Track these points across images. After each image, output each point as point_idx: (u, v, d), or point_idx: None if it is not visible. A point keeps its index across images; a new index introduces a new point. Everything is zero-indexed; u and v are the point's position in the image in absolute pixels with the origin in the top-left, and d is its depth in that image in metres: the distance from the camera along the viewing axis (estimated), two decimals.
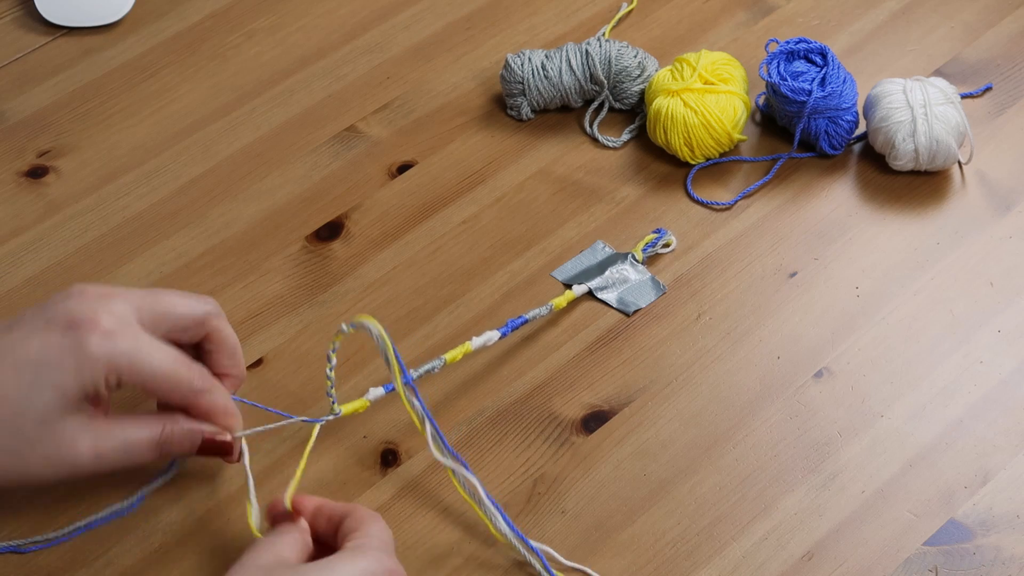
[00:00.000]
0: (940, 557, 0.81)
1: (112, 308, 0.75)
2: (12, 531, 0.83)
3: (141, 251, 0.98)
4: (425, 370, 0.85)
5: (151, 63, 1.10)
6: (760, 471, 0.85)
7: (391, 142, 1.04)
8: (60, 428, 0.75)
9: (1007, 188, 0.98)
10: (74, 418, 0.75)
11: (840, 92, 0.97)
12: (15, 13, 1.14)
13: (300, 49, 1.11)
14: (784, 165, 1.00)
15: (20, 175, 1.03)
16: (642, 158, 1.01)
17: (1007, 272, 0.94)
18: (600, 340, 0.91)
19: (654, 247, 0.95)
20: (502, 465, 0.85)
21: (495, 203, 0.99)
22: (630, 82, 1.02)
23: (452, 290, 0.94)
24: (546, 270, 0.95)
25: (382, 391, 0.84)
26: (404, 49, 1.10)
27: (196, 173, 1.02)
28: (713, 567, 0.81)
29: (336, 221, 0.99)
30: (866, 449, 0.85)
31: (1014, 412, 0.87)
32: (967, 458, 0.85)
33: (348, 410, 0.82)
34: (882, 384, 0.88)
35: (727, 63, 1.00)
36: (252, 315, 0.94)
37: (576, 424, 0.87)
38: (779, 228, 0.97)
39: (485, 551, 0.82)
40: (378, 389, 0.83)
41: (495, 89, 1.06)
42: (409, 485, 0.85)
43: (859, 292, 0.93)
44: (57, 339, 0.74)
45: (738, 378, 0.89)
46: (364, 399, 0.83)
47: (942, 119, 0.96)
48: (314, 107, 1.06)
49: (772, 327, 0.91)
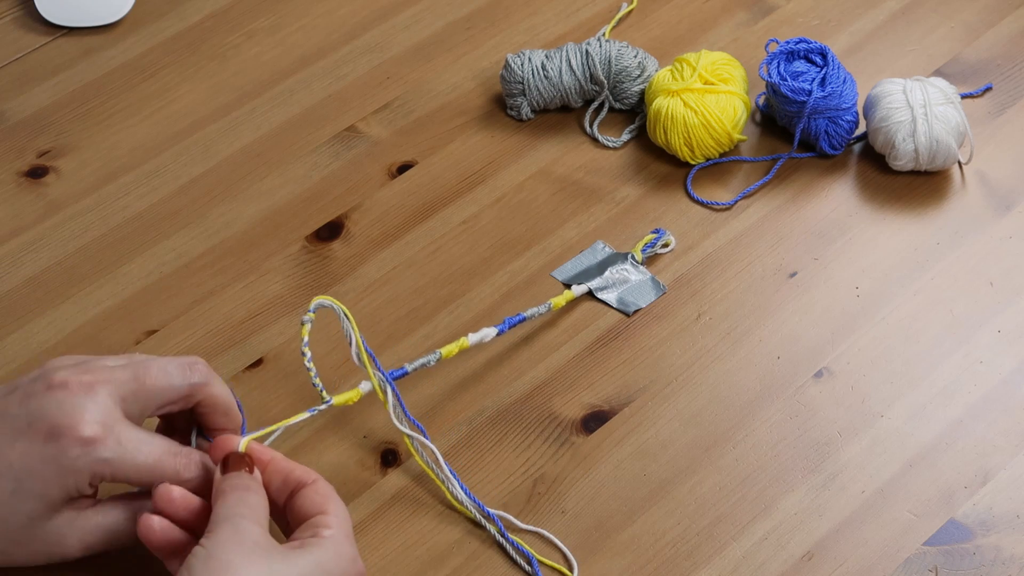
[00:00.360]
0: (940, 557, 0.81)
1: (94, 408, 0.74)
2: None
3: (141, 251, 0.98)
4: (420, 364, 0.85)
5: (151, 63, 1.10)
6: (760, 471, 0.85)
7: (391, 142, 1.04)
8: (46, 528, 0.74)
9: (1007, 188, 0.98)
10: (60, 516, 0.74)
11: (840, 92, 0.97)
12: (15, 13, 1.14)
13: (300, 49, 1.11)
14: (784, 165, 1.00)
15: (20, 175, 1.03)
16: (642, 158, 1.01)
17: (1007, 272, 0.94)
18: (600, 340, 0.91)
19: (653, 247, 0.95)
20: (502, 465, 0.85)
21: (495, 203, 0.99)
22: (630, 82, 1.02)
23: (452, 290, 0.94)
24: (546, 270, 0.95)
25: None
26: (404, 49, 1.10)
27: (196, 173, 1.02)
28: (713, 567, 0.81)
29: (336, 221, 0.99)
30: (866, 449, 0.85)
31: (1014, 412, 0.87)
32: (967, 458, 0.85)
33: (340, 400, 0.82)
34: (882, 384, 0.88)
35: (727, 63, 1.00)
36: (252, 315, 0.94)
37: (576, 424, 0.87)
38: (779, 228, 0.97)
39: (485, 551, 0.82)
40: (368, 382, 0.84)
41: (495, 89, 1.06)
42: (409, 485, 0.85)
43: (859, 292, 0.93)
44: (39, 449, 0.73)
45: (738, 378, 0.89)
46: (357, 389, 0.83)
47: (942, 119, 0.96)
48: (314, 107, 1.06)
49: (772, 327, 0.91)
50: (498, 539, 0.82)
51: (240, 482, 0.74)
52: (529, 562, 0.81)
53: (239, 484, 0.74)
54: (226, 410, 0.80)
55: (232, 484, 0.74)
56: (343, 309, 0.80)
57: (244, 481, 0.74)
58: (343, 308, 0.80)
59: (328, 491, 0.75)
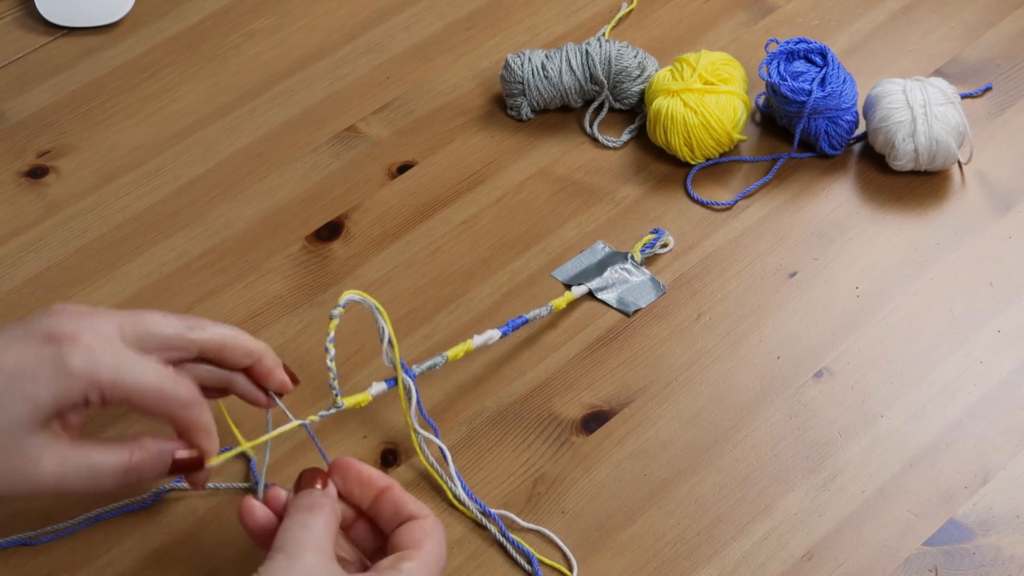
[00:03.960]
0: (940, 557, 0.81)
1: (94, 325, 0.73)
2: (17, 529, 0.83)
3: (141, 251, 0.98)
4: (427, 366, 0.85)
5: (151, 63, 1.10)
6: (760, 471, 0.85)
7: (391, 142, 1.04)
8: (25, 443, 0.72)
9: (1007, 188, 0.98)
10: (40, 435, 0.72)
11: (840, 92, 0.97)
12: (15, 13, 1.14)
13: (300, 49, 1.11)
14: (784, 165, 1.00)
15: (20, 175, 1.03)
16: (642, 158, 1.02)
17: (1007, 272, 0.94)
18: (600, 340, 0.91)
19: (652, 247, 0.95)
20: (502, 465, 0.85)
21: (495, 203, 0.99)
22: (630, 82, 1.02)
23: (452, 290, 0.94)
24: (546, 270, 0.95)
25: (384, 386, 0.83)
26: (404, 49, 1.10)
27: (196, 173, 1.02)
28: (713, 567, 0.81)
29: (336, 221, 0.99)
30: (866, 449, 0.85)
31: (1014, 412, 0.87)
32: (967, 458, 0.85)
33: (350, 403, 0.82)
34: (882, 384, 0.88)
35: (727, 63, 1.00)
36: (252, 315, 0.94)
37: (576, 424, 0.87)
38: (779, 228, 0.97)
39: (485, 551, 0.82)
40: (380, 384, 0.83)
41: (495, 89, 1.06)
42: (409, 485, 0.85)
43: (859, 292, 0.93)
44: (35, 350, 0.72)
45: (738, 378, 0.89)
46: (366, 393, 0.83)
47: (942, 119, 0.96)
48: (314, 107, 1.06)
49: (772, 327, 0.91)
50: (498, 538, 0.82)
51: (308, 501, 0.73)
52: (529, 561, 0.81)
53: (305, 504, 0.73)
54: (235, 344, 0.78)
55: (299, 504, 0.73)
56: (376, 304, 0.79)
57: (312, 500, 0.73)
58: (376, 303, 0.79)
59: (433, 529, 0.74)
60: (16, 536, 0.82)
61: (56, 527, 0.83)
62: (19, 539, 0.82)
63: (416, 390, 0.83)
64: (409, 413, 0.83)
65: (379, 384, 0.83)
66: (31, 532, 0.82)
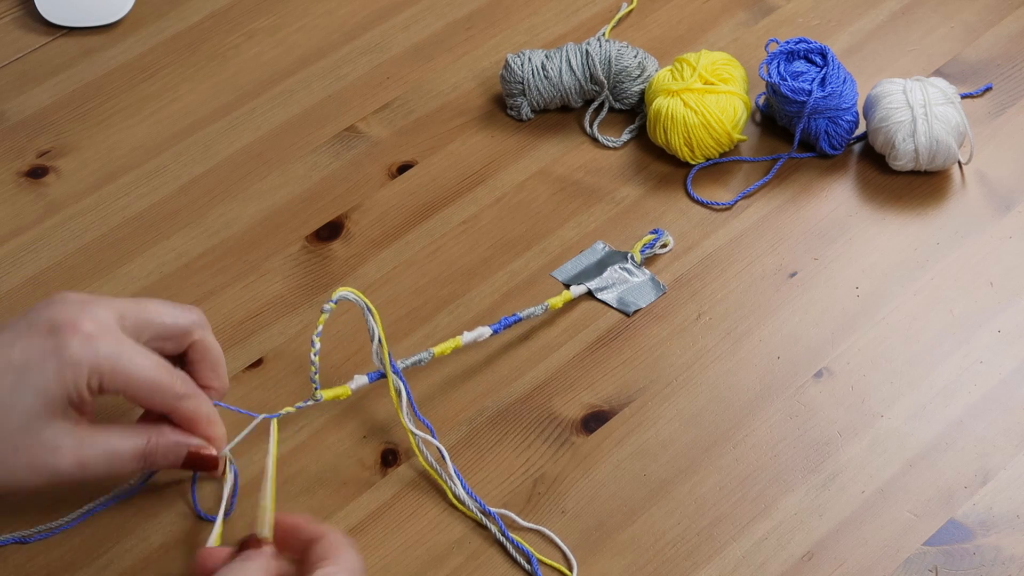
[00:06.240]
0: (940, 557, 0.81)
1: (94, 313, 0.75)
2: (14, 527, 0.83)
3: (141, 251, 0.98)
4: (413, 361, 0.85)
5: (151, 63, 1.10)
6: (760, 471, 0.85)
7: (391, 142, 1.04)
8: (43, 434, 0.74)
9: (1007, 188, 0.98)
10: (57, 424, 0.74)
11: (840, 92, 0.97)
12: (15, 13, 1.14)
13: (300, 49, 1.11)
14: (784, 165, 1.00)
15: (20, 175, 1.03)
16: (642, 158, 1.02)
17: (1007, 272, 0.94)
18: (600, 340, 0.91)
19: (652, 247, 0.95)
20: (502, 465, 0.85)
21: (495, 203, 0.99)
22: (630, 82, 1.02)
23: (452, 290, 0.94)
24: (546, 270, 0.95)
25: (366, 379, 0.84)
26: (404, 49, 1.10)
27: (196, 173, 1.02)
28: (713, 567, 0.81)
29: (336, 221, 0.99)
30: (866, 449, 0.85)
31: (1014, 412, 0.87)
32: (967, 458, 0.85)
33: (329, 396, 0.82)
34: (882, 384, 0.88)
35: (727, 63, 1.00)
36: (252, 315, 0.94)
37: (576, 424, 0.87)
38: (779, 228, 0.97)
39: (485, 551, 0.82)
40: (362, 377, 0.84)
41: (495, 89, 1.06)
42: (409, 485, 0.85)
43: (859, 292, 0.93)
44: (39, 342, 0.73)
45: (738, 378, 0.89)
46: (346, 386, 0.83)
47: (942, 119, 0.96)
48: (314, 107, 1.06)
49: (772, 327, 0.91)
50: (498, 538, 0.82)
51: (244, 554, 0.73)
52: (529, 561, 0.81)
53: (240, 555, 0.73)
54: (215, 363, 0.80)
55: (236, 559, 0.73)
56: (367, 303, 0.80)
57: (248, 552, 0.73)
58: (367, 302, 0.80)
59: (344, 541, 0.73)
60: (10, 535, 0.82)
61: (49, 525, 0.83)
62: (13, 538, 0.82)
63: (407, 388, 0.84)
64: (401, 411, 0.83)
65: (360, 377, 0.84)
66: (25, 531, 0.82)
